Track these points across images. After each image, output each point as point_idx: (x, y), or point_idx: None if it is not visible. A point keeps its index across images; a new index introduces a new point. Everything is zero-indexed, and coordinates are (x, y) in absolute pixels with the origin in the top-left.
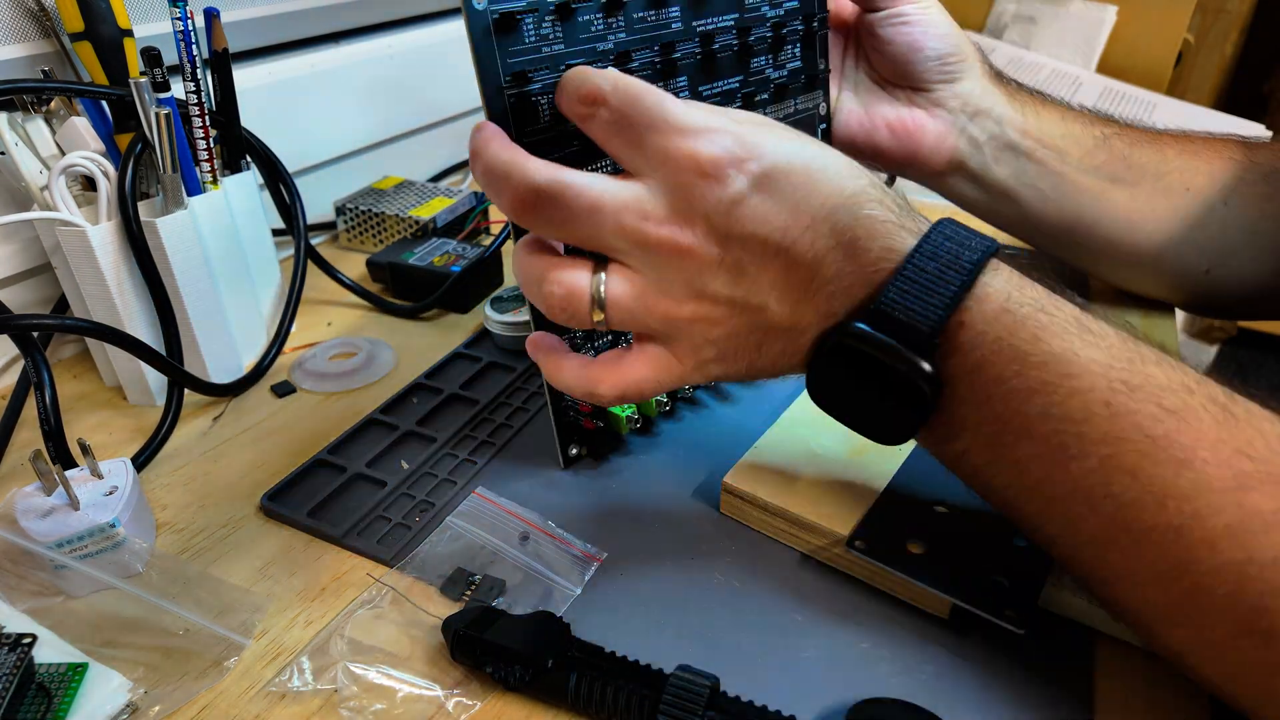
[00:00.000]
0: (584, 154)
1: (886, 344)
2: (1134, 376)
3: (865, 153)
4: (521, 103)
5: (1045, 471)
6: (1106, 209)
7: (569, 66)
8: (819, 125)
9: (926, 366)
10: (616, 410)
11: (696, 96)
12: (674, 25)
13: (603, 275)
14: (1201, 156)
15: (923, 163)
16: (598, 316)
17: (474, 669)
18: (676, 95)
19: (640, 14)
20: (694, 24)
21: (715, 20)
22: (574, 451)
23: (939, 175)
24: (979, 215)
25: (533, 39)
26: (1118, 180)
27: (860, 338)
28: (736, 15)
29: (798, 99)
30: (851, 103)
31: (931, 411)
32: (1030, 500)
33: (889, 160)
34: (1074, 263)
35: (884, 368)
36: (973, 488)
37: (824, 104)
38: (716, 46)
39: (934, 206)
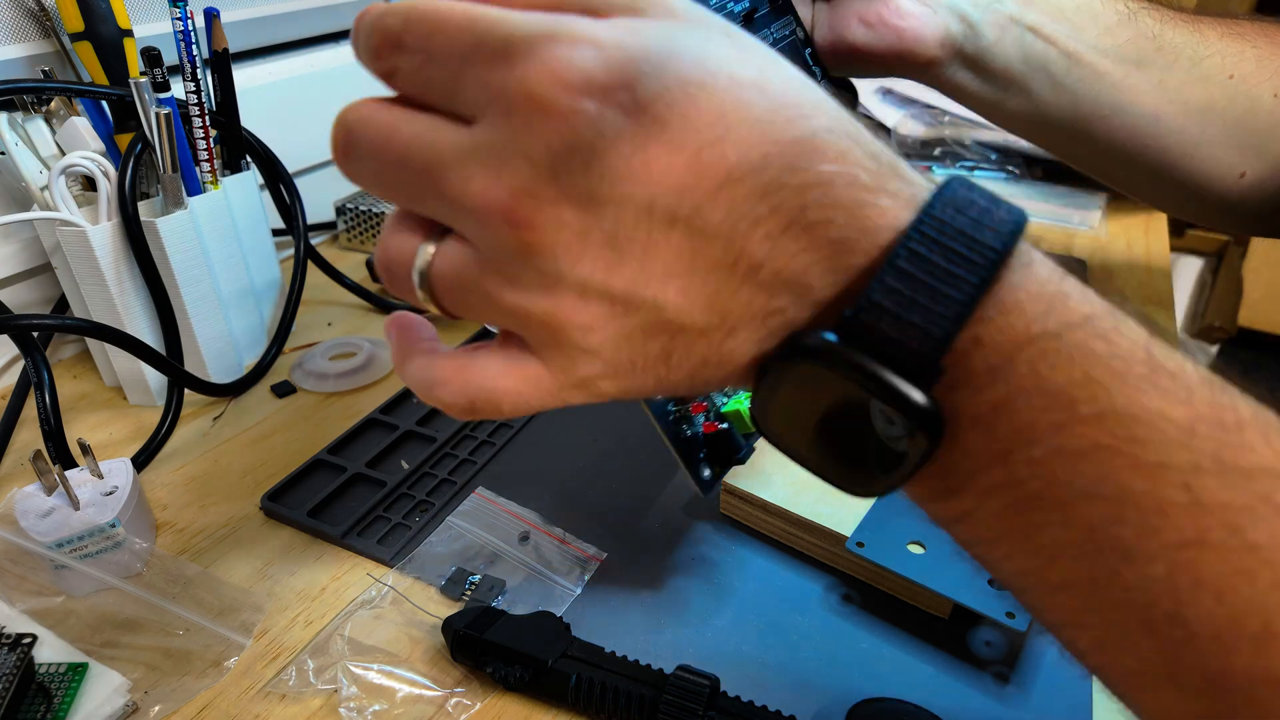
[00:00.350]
0: None
1: (864, 367)
2: (1228, 447)
3: (842, 59)
4: None
5: (1084, 570)
6: (1128, 97)
7: None
8: (804, 51)
9: (920, 399)
10: (734, 404)
11: None
12: None
13: (430, 246)
14: (1249, 39)
15: (910, 54)
16: (422, 296)
17: (474, 669)
18: None
19: None
20: None
21: None
22: (707, 474)
23: (932, 66)
24: (983, 112)
25: None
26: (1144, 63)
27: (823, 355)
28: None
29: (771, 27)
30: (819, 10)
31: (924, 462)
32: (1054, 600)
33: (871, 61)
34: (1085, 168)
35: (856, 400)
36: (971, 557)
37: (798, 27)
38: None
39: None
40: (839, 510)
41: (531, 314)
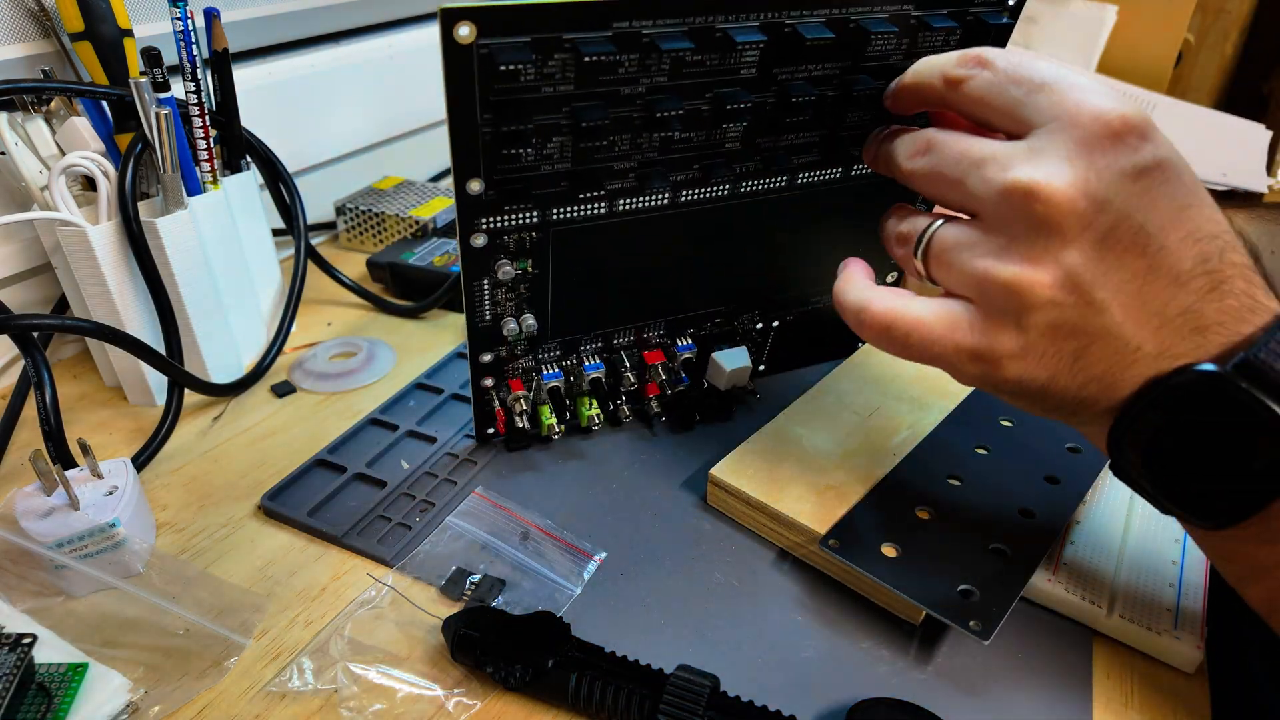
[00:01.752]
0: (574, 189)
1: (1259, 403)
2: None
3: None
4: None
5: None
6: None
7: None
8: None
9: None
10: (544, 417)
11: (751, 149)
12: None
13: (939, 221)
14: None
15: None
16: (918, 260)
17: (474, 669)
18: (728, 144)
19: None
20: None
21: (811, 68)
22: (490, 431)
23: None
24: None
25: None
26: None
27: (1221, 388)
28: (846, 64)
29: None
30: None
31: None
32: None
33: None
34: None
35: (1238, 431)
36: (1262, 612)
37: None
38: (802, 99)
39: None
40: (820, 509)
41: (1001, 278)
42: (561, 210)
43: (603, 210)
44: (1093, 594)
